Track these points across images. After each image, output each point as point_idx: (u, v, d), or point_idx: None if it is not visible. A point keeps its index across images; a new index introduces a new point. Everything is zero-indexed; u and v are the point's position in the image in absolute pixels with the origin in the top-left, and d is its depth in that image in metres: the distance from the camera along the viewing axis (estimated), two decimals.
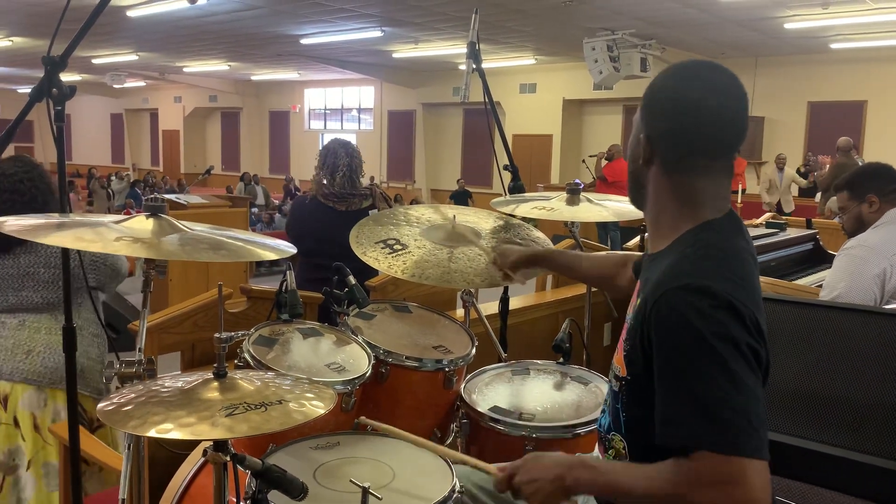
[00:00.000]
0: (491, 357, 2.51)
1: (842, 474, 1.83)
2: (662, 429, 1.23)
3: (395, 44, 13.30)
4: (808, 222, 5.35)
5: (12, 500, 2.41)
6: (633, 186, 1.49)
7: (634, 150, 1.44)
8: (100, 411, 1.32)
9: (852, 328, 1.93)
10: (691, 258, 1.30)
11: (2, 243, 2.36)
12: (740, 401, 1.18)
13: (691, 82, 1.36)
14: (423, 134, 18.78)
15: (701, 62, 1.39)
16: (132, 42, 14.10)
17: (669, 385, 1.23)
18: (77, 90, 1.68)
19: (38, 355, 2.40)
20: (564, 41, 12.09)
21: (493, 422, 1.97)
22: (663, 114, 1.37)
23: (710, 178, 1.38)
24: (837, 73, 12.31)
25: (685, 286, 1.24)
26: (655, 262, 1.39)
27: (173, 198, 7.57)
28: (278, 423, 1.29)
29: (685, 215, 1.38)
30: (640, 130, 1.42)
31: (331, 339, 2.09)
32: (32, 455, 2.40)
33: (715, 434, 1.17)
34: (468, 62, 2.72)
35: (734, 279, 1.26)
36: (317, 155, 3.50)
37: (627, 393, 1.37)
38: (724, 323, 1.20)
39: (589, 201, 2.62)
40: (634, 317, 1.36)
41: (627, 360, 1.36)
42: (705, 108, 1.33)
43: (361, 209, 3.35)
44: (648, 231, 1.49)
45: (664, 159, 1.38)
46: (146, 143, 26.16)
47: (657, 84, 1.40)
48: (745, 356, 1.20)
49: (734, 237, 1.37)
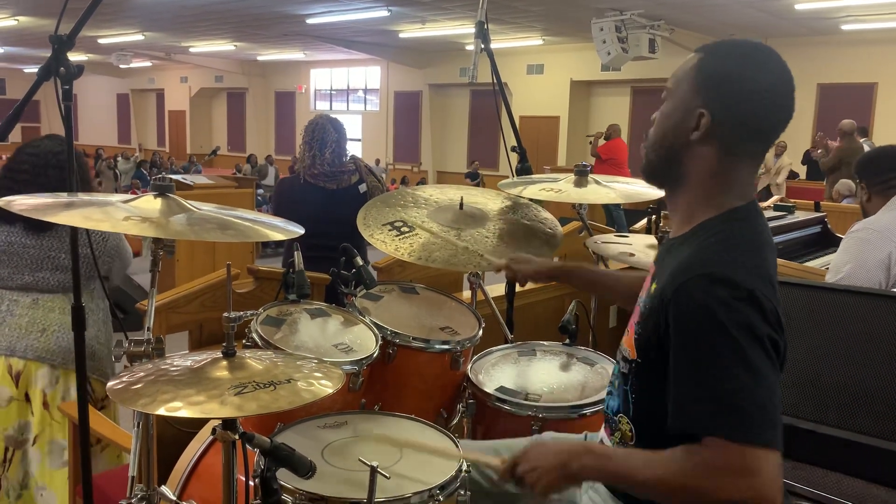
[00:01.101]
0: (497, 338, 2.52)
1: (847, 457, 1.83)
2: (676, 415, 1.23)
3: (401, 23, 13.21)
4: (816, 205, 5.34)
5: (20, 473, 2.44)
6: (666, 162, 1.40)
7: (678, 124, 1.37)
8: (110, 389, 1.33)
9: (859, 311, 1.93)
10: (716, 247, 1.29)
11: (40, 223, 2.37)
12: (758, 392, 1.18)
13: (764, 67, 1.32)
14: (430, 115, 18.71)
15: (764, 45, 1.35)
16: (138, 21, 14.05)
17: (687, 372, 1.23)
18: (84, 70, 1.68)
19: (52, 334, 2.42)
20: (572, 22, 12.00)
21: (499, 402, 1.98)
22: (738, 97, 1.32)
23: (754, 165, 1.38)
24: (847, 54, 12.20)
25: (709, 275, 1.23)
26: (676, 247, 1.37)
27: (179, 178, 7.57)
28: (287, 402, 1.30)
29: (717, 200, 1.35)
30: (692, 106, 1.34)
31: (338, 320, 2.10)
32: (39, 431, 2.43)
33: (731, 423, 1.17)
34: (476, 42, 2.70)
35: (757, 270, 1.26)
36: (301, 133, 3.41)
37: (637, 376, 1.37)
38: (746, 314, 1.19)
39: (597, 183, 2.61)
40: (650, 301, 1.34)
41: (639, 343, 1.35)
42: (777, 95, 1.32)
43: (351, 185, 3.32)
44: (673, 211, 1.44)
45: (724, 141, 1.34)
46: (152, 124, 26.15)
47: (725, 61, 1.34)
48: (764, 347, 1.20)
49: (758, 226, 1.36)
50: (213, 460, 1.79)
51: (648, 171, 1.46)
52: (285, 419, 1.72)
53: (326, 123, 3.35)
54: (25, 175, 2.40)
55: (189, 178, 7.83)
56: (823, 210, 5.10)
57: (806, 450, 1.89)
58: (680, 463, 1.22)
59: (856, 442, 1.82)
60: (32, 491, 2.45)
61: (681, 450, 1.23)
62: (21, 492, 2.44)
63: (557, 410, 1.95)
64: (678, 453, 1.23)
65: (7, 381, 2.41)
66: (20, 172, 2.42)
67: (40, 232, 2.42)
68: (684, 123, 1.36)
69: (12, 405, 2.42)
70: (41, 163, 2.42)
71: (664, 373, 1.27)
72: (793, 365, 1.93)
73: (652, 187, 2.51)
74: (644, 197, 2.63)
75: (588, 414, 1.94)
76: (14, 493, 2.43)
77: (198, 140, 23.77)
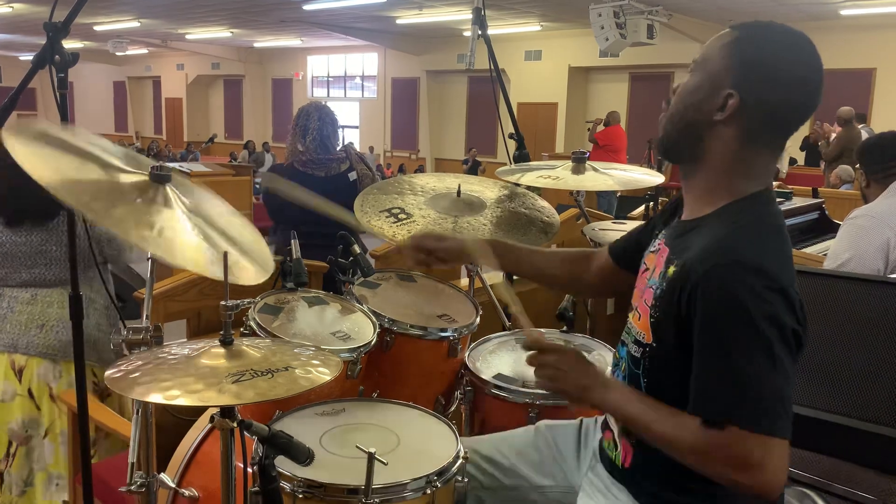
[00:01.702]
0: (495, 326, 2.52)
1: (846, 442, 1.84)
2: (698, 400, 1.24)
3: (398, 9, 13.15)
4: (813, 191, 5.33)
5: (25, 469, 2.45)
6: (686, 138, 1.37)
7: (703, 100, 1.33)
8: (107, 378, 1.33)
9: (857, 297, 1.93)
10: (743, 233, 1.27)
11: (13, 217, 2.37)
12: (778, 383, 1.19)
13: (800, 58, 1.30)
14: (428, 102, 18.65)
15: (802, 34, 1.33)
16: (134, 8, 13.97)
17: (711, 359, 1.23)
18: (79, 57, 1.67)
19: (51, 329, 2.43)
20: (570, 7, 11.95)
21: (496, 389, 1.99)
22: (770, 85, 1.29)
23: (774, 155, 1.36)
24: (846, 40, 12.14)
25: (739, 263, 1.21)
26: (697, 229, 1.35)
27: (176, 166, 7.56)
28: (284, 390, 1.30)
29: (736, 185, 1.34)
30: (721, 85, 1.31)
31: (336, 308, 2.10)
32: (49, 423, 2.45)
33: (749, 412, 1.18)
34: (474, 28, 2.69)
35: (784, 259, 1.26)
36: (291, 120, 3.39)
37: (651, 359, 1.36)
38: (775, 306, 1.19)
39: (594, 170, 2.60)
40: (668, 284, 1.31)
41: (655, 326, 1.34)
42: (808, 88, 1.31)
43: (340, 173, 3.30)
44: (688, 191, 1.41)
45: (748, 126, 1.31)
46: (149, 111, 26.06)
47: (763, 46, 1.31)
48: (787, 340, 1.20)
49: (778, 213, 1.35)
50: (211, 448, 1.79)
51: (666, 145, 1.42)
52: (283, 407, 1.72)
53: (312, 111, 3.33)
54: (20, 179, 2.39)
55: (186, 165, 7.81)
56: (821, 196, 5.10)
57: (802, 435, 1.89)
58: (696, 436, 1.23)
59: (853, 427, 1.83)
60: (38, 488, 2.46)
61: (699, 424, 1.23)
62: (25, 488, 2.45)
63: (554, 397, 1.95)
64: (696, 426, 1.24)
65: (11, 376, 2.43)
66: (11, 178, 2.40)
67: (31, 228, 2.41)
68: (710, 101, 1.32)
69: (16, 400, 2.43)
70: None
71: (679, 356, 1.27)
72: None
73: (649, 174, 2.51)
74: (641, 184, 2.63)
75: None
76: (17, 488, 2.44)
77: (195, 128, 23.70)
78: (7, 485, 2.43)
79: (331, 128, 3.34)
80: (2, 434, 2.45)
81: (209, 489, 1.71)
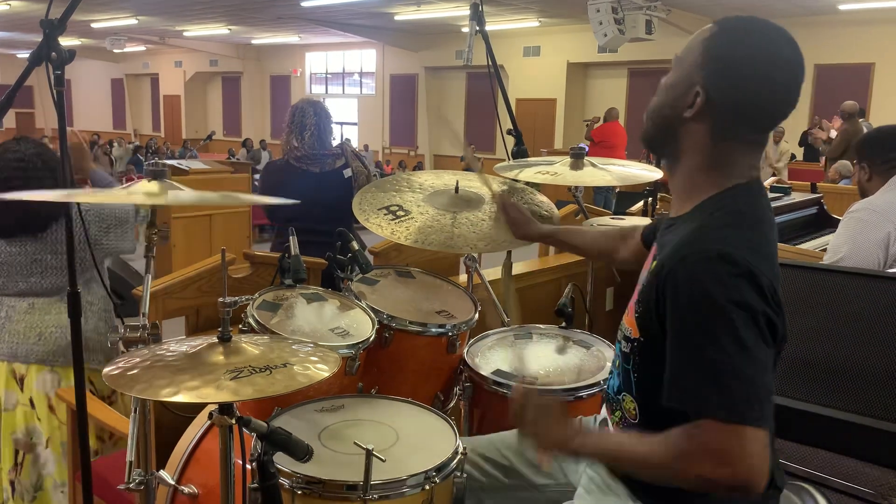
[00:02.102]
0: (494, 322, 2.52)
1: (844, 437, 1.85)
2: (669, 390, 1.24)
3: (396, 6, 13.13)
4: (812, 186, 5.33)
5: (33, 476, 2.45)
6: (663, 134, 1.39)
7: (678, 97, 1.34)
8: (106, 375, 1.33)
9: (856, 292, 1.93)
10: (714, 224, 1.28)
11: (4, 230, 2.38)
12: (748, 370, 1.17)
13: (776, 56, 1.29)
14: (426, 98, 18.63)
15: (784, 32, 1.31)
16: (131, 5, 13.94)
17: (680, 348, 1.23)
18: (76, 55, 1.67)
19: (49, 336, 2.43)
20: (569, 3, 11.93)
21: (495, 385, 1.99)
22: (737, 80, 1.28)
23: (751, 149, 1.35)
24: (845, 34, 12.14)
25: (705, 252, 1.22)
26: (676, 225, 1.36)
27: (175, 163, 7.54)
28: (283, 386, 1.30)
29: (714, 180, 1.34)
30: (694, 81, 1.31)
31: (334, 304, 2.10)
32: (49, 435, 2.45)
33: (719, 400, 1.17)
34: (471, 24, 2.69)
35: (755, 247, 1.25)
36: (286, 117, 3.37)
37: (640, 354, 1.37)
38: (742, 291, 1.19)
39: (593, 165, 2.60)
40: (648, 279, 1.34)
41: (640, 321, 1.35)
42: (781, 87, 1.29)
43: (335, 169, 3.29)
44: (673, 188, 1.42)
45: (717, 123, 1.32)
46: (147, 109, 26.02)
47: (735, 43, 1.30)
48: (758, 326, 1.19)
49: (758, 204, 1.34)
50: (210, 445, 1.79)
51: (646, 139, 1.44)
52: (282, 403, 1.72)
53: (307, 107, 3.32)
54: (18, 182, 2.38)
55: (185, 163, 7.80)
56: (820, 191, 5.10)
57: (801, 430, 1.90)
58: (669, 446, 1.22)
59: (850, 422, 1.83)
60: (49, 491, 2.47)
61: (674, 431, 1.23)
62: (35, 493, 2.46)
63: (553, 393, 1.95)
64: (669, 437, 1.23)
65: (12, 384, 2.43)
66: (13, 180, 2.39)
67: (23, 238, 2.41)
68: (682, 98, 1.33)
69: (18, 409, 2.44)
70: (31, 166, 2.41)
71: (664, 349, 1.27)
72: (789, 346, 1.93)
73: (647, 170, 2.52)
74: (639, 179, 2.62)
75: (584, 397, 1.95)
76: (28, 495, 2.45)
77: (193, 125, 23.67)
78: (19, 493, 2.44)
79: (326, 124, 3.34)
80: (8, 443, 2.45)
81: (208, 486, 1.71)
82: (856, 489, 1.82)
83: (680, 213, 1.39)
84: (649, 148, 1.47)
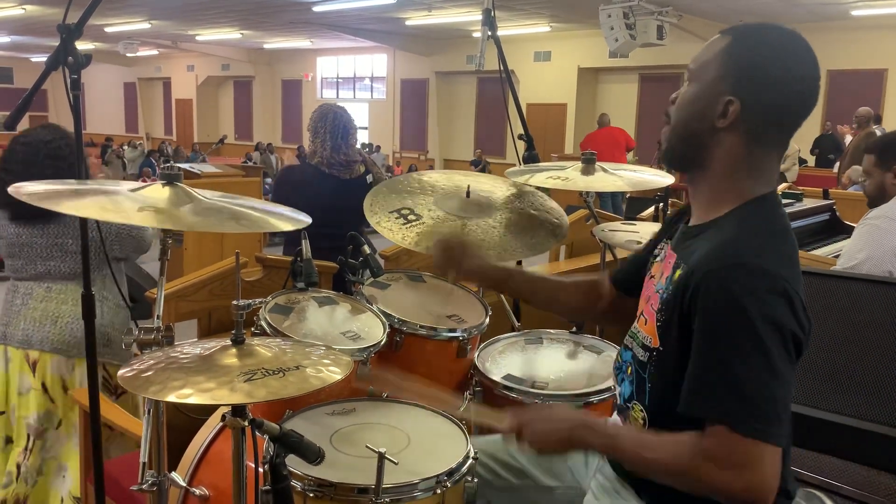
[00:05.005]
0: (504, 326, 2.52)
1: (856, 444, 1.84)
2: (690, 398, 1.23)
3: (408, 11, 13.16)
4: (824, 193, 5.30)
5: (38, 461, 2.47)
6: (692, 148, 1.37)
7: (704, 109, 1.34)
8: (120, 377, 1.34)
9: (870, 299, 1.93)
10: (748, 235, 1.27)
11: (41, 212, 2.38)
12: (773, 387, 1.18)
13: (795, 55, 1.30)
14: (437, 103, 18.65)
15: (794, 32, 1.33)
16: (145, 10, 14.04)
17: (706, 358, 1.22)
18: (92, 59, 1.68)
19: (65, 325, 2.45)
20: (580, 8, 11.93)
21: (506, 390, 1.99)
22: (768, 85, 1.29)
23: (778, 152, 1.36)
24: (857, 40, 12.08)
25: (741, 265, 1.21)
26: (703, 234, 1.35)
27: (187, 167, 7.58)
28: (296, 389, 1.30)
29: (742, 187, 1.34)
30: (719, 91, 1.31)
31: (346, 308, 2.10)
32: (63, 415, 2.47)
33: (742, 414, 1.17)
34: (483, 29, 2.69)
35: (788, 262, 1.25)
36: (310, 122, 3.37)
37: (657, 364, 1.36)
38: (775, 307, 1.19)
39: (604, 171, 2.60)
40: (673, 288, 1.32)
41: (661, 331, 1.34)
42: (806, 85, 1.31)
43: (361, 175, 3.33)
44: (695, 197, 1.41)
45: (751, 129, 1.31)
46: (159, 113, 26.17)
47: (754, 47, 1.31)
48: (786, 343, 1.19)
49: (784, 215, 1.35)
50: (222, 447, 1.80)
51: (670, 157, 1.43)
52: (294, 406, 1.73)
53: (342, 112, 3.36)
54: (18, 165, 2.41)
55: (196, 166, 7.84)
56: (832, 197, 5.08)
57: (812, 437, 1.89)
58: (683, 448, 1.22)
59: (862, 429, 1.82)
60: (49, 476, 2.48)
61: (687, 436, 1.23)
62: (37, 478, 2.48)
63: (564, 399, 1.95)
64: (684, 438, 1.23)
65: (26, 369, 2.45)
66: (14, 163, 2.42)
67: (46, 222, 2.42)
68: (710, 109, 1.33)
69: (31, 394, 2.46)
70: (32, 151, 2.43)
71: (683, 360, 1.27)
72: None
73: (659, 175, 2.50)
74: (651, 185, 2.62)
75: (595, 402, 1.95)
76: (31, 479, 2.47)
77: (205, 128, 23.79)
78: (23, 476, 2.45)
79: (354, 130, 3.39)
80: (21, 427, 2.47)
81: (220, 488, 1.72)
82: (867, 496, 1.81)
83: (705, 220, 1.38)
84: (671, 164, 1.45)
